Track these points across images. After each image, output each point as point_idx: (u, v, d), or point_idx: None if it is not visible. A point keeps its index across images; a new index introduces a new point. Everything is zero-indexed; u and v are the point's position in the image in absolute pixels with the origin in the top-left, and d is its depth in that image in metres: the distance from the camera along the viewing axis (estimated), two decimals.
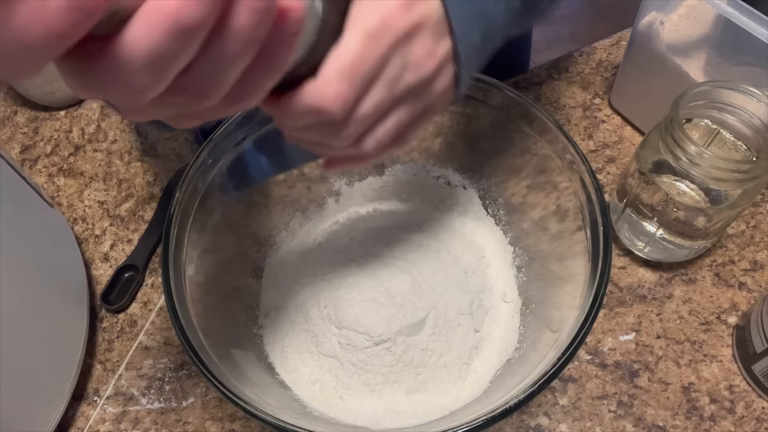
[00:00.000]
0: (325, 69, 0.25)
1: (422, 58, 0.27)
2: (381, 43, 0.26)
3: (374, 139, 0.29)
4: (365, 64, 0.25)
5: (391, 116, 0.28)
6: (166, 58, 0.18)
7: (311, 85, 0.25)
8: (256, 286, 0.51)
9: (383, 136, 0.29)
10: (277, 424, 0.35)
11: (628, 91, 0.61)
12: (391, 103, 0.28)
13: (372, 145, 0.29)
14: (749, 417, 0.47)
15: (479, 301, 0.49)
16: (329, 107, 0.25)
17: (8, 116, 0.69)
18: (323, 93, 0.25)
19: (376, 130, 0.28)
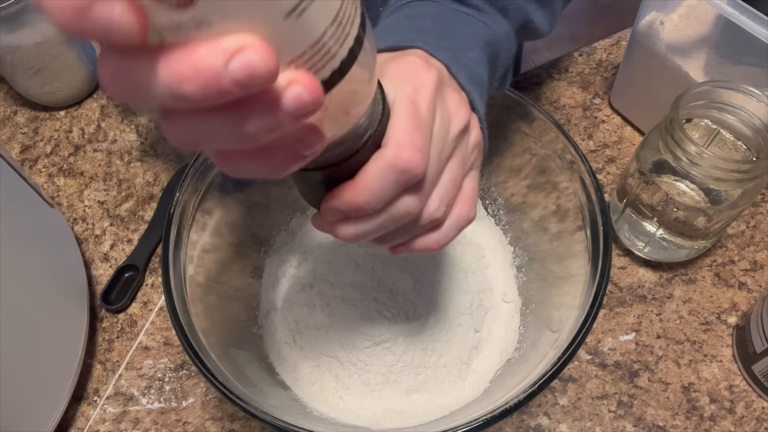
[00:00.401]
0: (393, 135, 0.26)
1: (456, 106, 0.29)
2: (424, 97, 0.27)
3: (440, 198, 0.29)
4: (422, 116, 0.27)
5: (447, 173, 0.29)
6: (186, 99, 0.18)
7: (386, 151, 0.26)
8: (256, 286, 0.51)
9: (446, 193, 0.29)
10: (277, 424, 0.35)
11: (628, 91, 0.61)
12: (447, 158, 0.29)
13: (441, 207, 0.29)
14: (749, 417, 0.47)
15: (479, 301, 0.49)
16: (410, 163, 0.26)
17: (8, 116, 0.69)
18: (402, 153, 0.26)
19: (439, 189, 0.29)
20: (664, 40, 0.54)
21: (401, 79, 0.28)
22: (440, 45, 0.32)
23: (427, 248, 0.31)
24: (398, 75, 0.28)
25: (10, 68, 0.63)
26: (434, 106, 0.28)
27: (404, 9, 0.36)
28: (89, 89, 0.70)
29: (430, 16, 0.34)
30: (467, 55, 0.33)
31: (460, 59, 0.32)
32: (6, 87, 0.71)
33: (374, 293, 0.47)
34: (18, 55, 0.61)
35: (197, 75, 0.16)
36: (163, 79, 0.16)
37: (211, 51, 0.16)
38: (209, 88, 0.16)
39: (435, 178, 0.28)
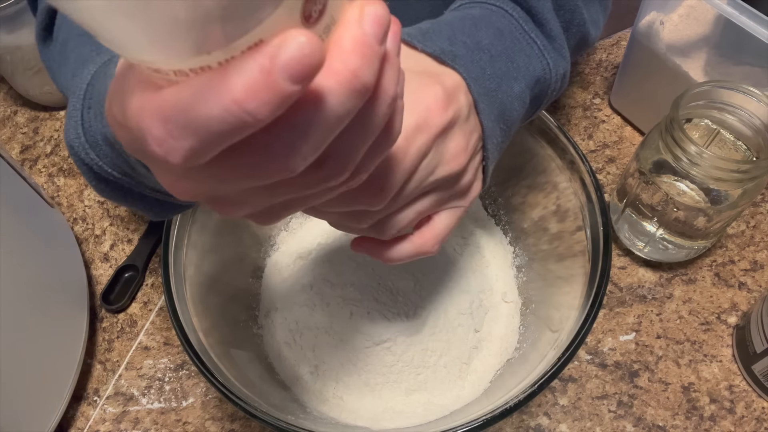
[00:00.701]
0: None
1: (455, 153, 0.29)
2: (421, 140, 0.27)
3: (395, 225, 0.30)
4: (406, 159, 0.27)
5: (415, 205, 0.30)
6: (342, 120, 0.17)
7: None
8: (256, 286, 0.51)
9: (402, 222, 0.30)
10: (277, 424, 0.35)
11: (628, 91, 0.61)
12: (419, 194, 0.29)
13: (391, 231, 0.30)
14: (749, 417, 0.47)
15: (479, 301, 0.49)
16: (369, 199, 0.26)
17: (8, 116, 0.69)
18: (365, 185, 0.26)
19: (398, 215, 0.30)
20: (664, 40, 0.53)
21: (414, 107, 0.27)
22: (485, 72, 0.31)
23: (378, 257, 0.32)
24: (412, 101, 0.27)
25: (10, 68, 0.63)
26: (428, 149, 0.28)
27: (477, 7, 0.34)
28: None
29: (496, 30, 0.32)
30: (510, 87, 0.32)
31: (499, 92, 0.31)
32: (6, 87, 0.71)
33: (374, 293, 0.47)
34: (18, 55, 0.61)
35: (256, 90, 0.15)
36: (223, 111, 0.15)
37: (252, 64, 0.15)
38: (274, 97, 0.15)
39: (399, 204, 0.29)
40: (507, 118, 0.32)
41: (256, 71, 0.14)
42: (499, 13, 0.33)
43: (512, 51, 0.32)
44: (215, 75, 0.15)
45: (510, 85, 0.32)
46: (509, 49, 0.32)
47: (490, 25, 0.33)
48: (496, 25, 0.33)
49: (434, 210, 0.31)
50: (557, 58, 0.34)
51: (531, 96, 0.34)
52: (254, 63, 0.14)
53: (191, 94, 0.15)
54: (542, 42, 0.34)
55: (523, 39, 0.33)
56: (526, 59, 0.33)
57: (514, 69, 0.32)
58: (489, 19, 0.33)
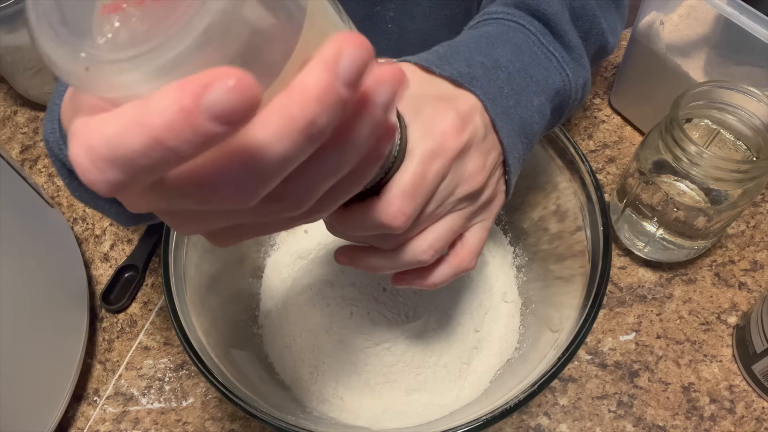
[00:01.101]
0: (390, 190, 0.27)
1: (473, 172, 0.30)
2: (438, 164, 0.28)
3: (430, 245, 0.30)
4: (425, 184, 0.28)
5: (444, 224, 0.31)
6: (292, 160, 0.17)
7: (377, 203, 0.27)
8: (256, 286, 0.51)
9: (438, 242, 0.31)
10: (277, 424, 0.35)
11: (628, 91, 0.61)
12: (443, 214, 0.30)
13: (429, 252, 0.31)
14: (749, 417, 0.47)
15: (479, 301, 0.49)
16: (392, 223, 0.27)
17: (8, 116, 0.69)
18: (388, 211, 0.27)
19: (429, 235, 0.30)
20: (664, 40, 0.54)
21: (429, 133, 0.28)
22: (504, 91, 0.31)
23: (421, 285, 0.33)
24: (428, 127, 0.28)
25: (10, 68, 0.63)
26: (446, 172, 0.29)
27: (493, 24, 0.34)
28: None
29: (513, 47, 0.33)
30: (530, 101, 0.32)
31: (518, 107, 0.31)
32: (6, 87, 0.71)
33: (374, 293, 0.47)
34: (18, 55, 0.61)
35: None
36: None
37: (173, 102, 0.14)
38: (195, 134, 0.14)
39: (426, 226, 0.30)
40: (528, 132, 0.32)
41: (176, 110, 0.14)
42: (516, 28, 0.34)
43: (530, 66, 0.33)
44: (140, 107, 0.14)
45: (530, 100, 0.32)
46: (527, 64, 0.33)
47: (507, 41, 0.33)
48: (514, 41, 0.33)
49: (465, 227, 0.32)
50: (576, 68, 0.35)
51: (551, 108, 0.34)
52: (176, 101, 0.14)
53: (116, 125, 0.15)
54: (561, 54, 0.34)
55: (541, 53, 0.33)
56: (544, 72, 0.33)
57: (533, 83, 0.32)
58: (506, 36, 0.33)
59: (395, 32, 0.50)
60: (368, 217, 0.27)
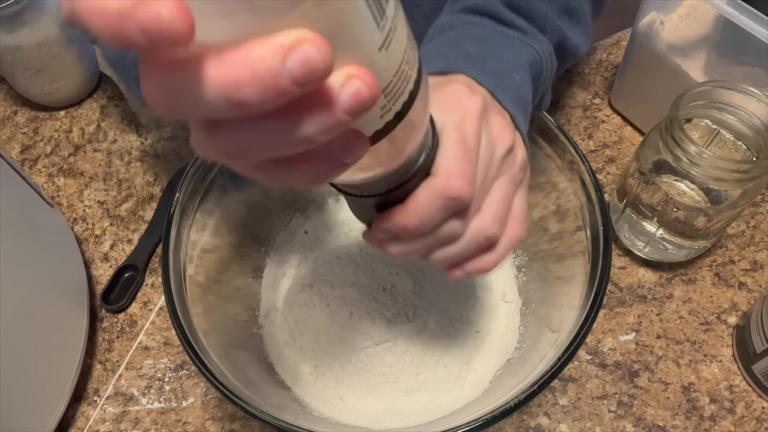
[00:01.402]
0: (441, 164, 0.27)
1: (501, 129, 0.30)
2: (470, 127, 0.28)
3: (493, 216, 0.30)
4: (469, 147, 0.28)
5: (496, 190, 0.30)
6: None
7: (435, 181, 0.27)
8: (256, 286, 0.51)
9: (498, 210, 0.30)
10: (277, 424, 0.35)
11: (628, 91, 0.61)
12: (494, 179, 0.30)
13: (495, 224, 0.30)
14: (749, 417, 0.47)
15: (479, 301, 0.49)
16: (459, 192, 0.27)
17: (8, 116, 0.69)
18: (451, 182, 0.27)
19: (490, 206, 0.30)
20: (664, 40, 0.53)
21: (448, 107, 0.29)
22: (486, 71, 0.33)
23: (482, 269, 0.32)
24: (445, 103, 0.29)
25: (10, 68, 0.63)
26: (480, 132, 0.29)
27: (450, 32, 0.36)
28: (89, 89, 0.70)
29: (477, 40, 0.35)
30: (512, 77, 0.34)
31: (505, 83, 0.33)
32: (6, 87, 0.71)
33: (374, 293, 0.47)
34: (18, 55, 0.61)
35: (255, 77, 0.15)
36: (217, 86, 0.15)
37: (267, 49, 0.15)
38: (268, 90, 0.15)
39: (481, 200, 0.30)
40: (522, 102, 0.34)
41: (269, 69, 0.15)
42: (471, 26, 0.36)
43: (498, 49, 0.35)
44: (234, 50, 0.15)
45: (511, 76, 0.34)
46: (495, 49, 0.35)
47: (470, 37, 0.36)
48: (475, 35, 0.36)
49: (514, 193, 0.32)
50: (537, 42, 0.37)
51: (531, 78, 0.36)
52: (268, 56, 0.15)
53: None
54: (518, 34, 0.36)
55: (502, 38, 0.36)
56: (512, 52, 0.35)
57: (507, 63, 0.34)
58: (466, 34, 0.36)
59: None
60: (432, 197, 0.27)
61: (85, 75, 0.68)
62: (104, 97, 0.70)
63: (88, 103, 0.70)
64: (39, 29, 0.60)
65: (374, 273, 0.49)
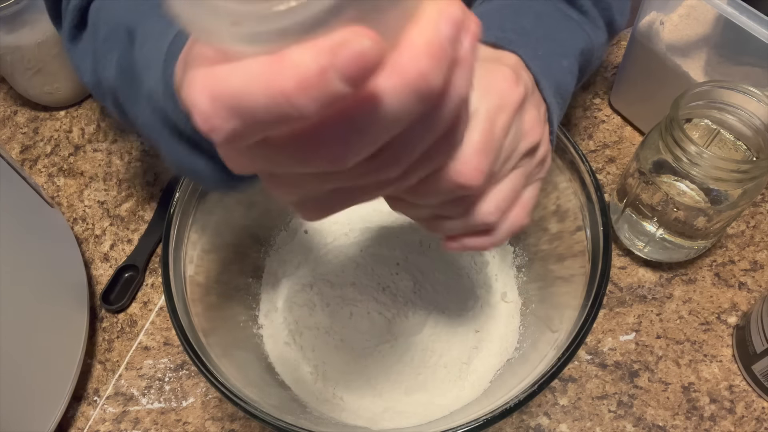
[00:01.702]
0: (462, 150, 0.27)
1: (532, 125, 0.30)
2: (503, 118, 0.28)
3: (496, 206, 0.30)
4: (494, 139, 0.28)
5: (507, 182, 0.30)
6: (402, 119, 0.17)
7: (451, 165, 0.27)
8: (256, 286, 0.51)
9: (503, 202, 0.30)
10: (277, 424, 0.35)
11: (628, 91, 0.61)
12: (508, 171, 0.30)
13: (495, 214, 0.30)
14: (749, 417, 0.47)
15: (479, 301, 0.49)
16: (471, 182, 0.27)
17: (8, 116, 0.69)
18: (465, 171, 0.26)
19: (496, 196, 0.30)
20: (664, 40, 0.53)
21: (488, 91, 0.28)
22: (537, 53, 0.32)
23: (478, 247, 0.32)
24: (486, 86, 0.28)
25: (10, 68, 0.63)
26: (510, 125, 0.29)
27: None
28: None
29: (535, 14, 0.35)
30: (560, 63, 0.34)
31: (552, 70, 0.33)
32: (6, 87, 0.71)
33: (374, 293, 0.47)
34: (18, 55, 0.61)
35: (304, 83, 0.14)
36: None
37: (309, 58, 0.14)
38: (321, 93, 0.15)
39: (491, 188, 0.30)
40: (563, 91, 0.34)
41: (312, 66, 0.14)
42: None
43: (554, 30, 0.35)
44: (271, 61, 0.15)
45: (559, 62, 0.34)
46: (551, 29, 0.34)
47: (529, 10, 0.35)
48: (534, 9, 0.35)
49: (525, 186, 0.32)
50: (594, 29, 0.37)
51: (579, 66, 0.35)
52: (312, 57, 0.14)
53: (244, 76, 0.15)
54: (578, 17, 0.36)
55: (561, 17, 0.36)
56: (568, 34, 0.35)
57: (559, 46, 0.34)
58: (527, 5, 0.35)
59: None
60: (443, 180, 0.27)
61: None
62: None
63: (88, 103, 0.70)
64: (39, 29, 0.60)
65: (374, 273, 0.49)
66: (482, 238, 0.32)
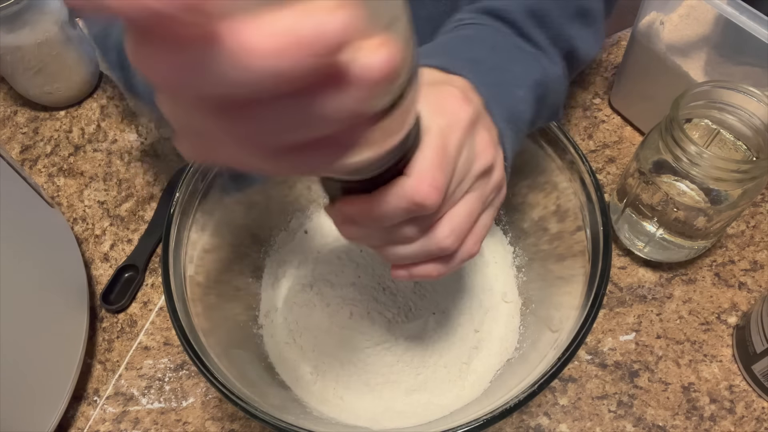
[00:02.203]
0: (417, 166, 0.26)
1: (484, 146, 0.30)
2: (455, 136, 0.28)
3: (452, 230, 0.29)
4: (448, 156, 0.27)
5: (462, 205, 0.30)
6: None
7: (406, 181, 0.26)
8: (256, 286, 0.51)
9: (459, 226, 0.30)
10: (277, 424, 0.35)
11: (628, 91, 0.61)
12: (463, 193, 0.30)
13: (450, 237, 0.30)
14: (749, 417, 0.47)
15: (479, 301, 0.49)
16: (426, 199, 0.26)
17: (8, 116, 0.69)
18: (420, 187, 0.26)
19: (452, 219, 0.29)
20: (664, 40, 0.53)
21: (439, 110, 0.28)
22: (487, 80, 0.32)
23: (427, 276, 0.32)
24: (437, 105, 0.28)
25: (10, 68, 0.63)
26: (463, 144, 0.28)
27: (469, 29, 0.36)
28: (89, 89, 0.70)
29: (490, 46, 0.35)
30: (514, 92, 0.33)
31: (504, 96, 0.33)
32: (6, 87, 0.71)
33: (374, 293, 0.47)
34: (18, 55, 0.61)
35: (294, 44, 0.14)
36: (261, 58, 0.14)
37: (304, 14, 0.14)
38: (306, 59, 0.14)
39: (446, 211, 0.29)
40: (516, 120, 0.33)
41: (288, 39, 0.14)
42: (488, 30, 0.36)
43: (507, 61, 0.34)
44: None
45: (512, 91, 0.33)
46: (504, 60, 0.34)
47: (483, 41, 0.35)
48: (488, 41, 0.35)
49: (480, 211, 0.31)
50: (550, 64, 0.36)
51: (534, 98, 0.35)
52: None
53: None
54: (533, 51, 0.36)
55: (514, 49, 0.35)
56: (522, 66, 0.35)
57: (513, 77, 0.34)
58: (480, 36, 0.35)
59: None
60: (398, 197, 0.26)
61: (85, 75, 0.68)
62: (104, 97, 0.70)
63: (88, 103, 0.70)
64: (39, 29, 0.60)
65: (374, 273, 0.49)
66: (433, 265, 0.31)
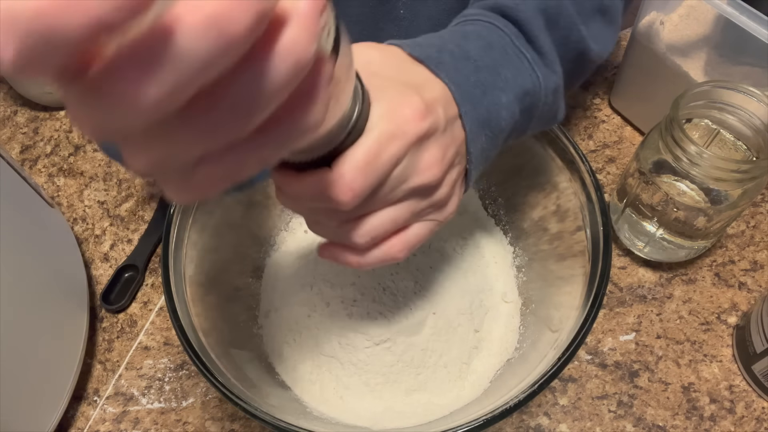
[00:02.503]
0: (342, 163, 0.27)
1: (430, 164, 0.29)
2: (394, 146, 0.28)
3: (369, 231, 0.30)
4: (378, 164, 0.27)
5: (389, 212, 0.30)
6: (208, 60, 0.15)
7: (327, 174, 0.27)
8: (256, 286, 0.51)
9: (377, 230, 0.30)
10: (277, 424, 0.35)
11: (628, 91, 0.61)
12: (393, 201, 0.30)
13: (365, 237, 0.30)
14: (749, 417, 0.47)
15: (479, 301, 0.49)
16: (339, 198, 0.27)
17: (8, 116, 0.69)
18: (337, 185, 0.27)
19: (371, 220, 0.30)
20: (664, 40, 0.54)
21: (390, 115, 0.28)
22: (471, 78, 0.31)
23: (347, 263, 0.33)
24: (390, 110, 0.28)
25: None
26: (401, 155, 0.28)
27: (470, 25, 0.35)
28: None
29: (486, 44, 0.33)
30: (497, 97, 0.32)
31: (484, 97, 0.32)
32: (6, 87, 0.71)
33: (374, 293, 0.47)
34: None
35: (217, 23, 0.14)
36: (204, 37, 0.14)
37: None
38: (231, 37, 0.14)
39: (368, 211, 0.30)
40: (493, 125, 0.32)
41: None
42: (491, 28, 0.34)
43: (500, 64, 0.33)
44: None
45: (497, 95, 0.32)
46: (497, 61, 0.33)
47: (480, 38, 0.34)
48: (486, 38, 0.34)
49: (410, 221, 0.31)
50: (548, 73, 0.35)
51: (520, 107, 0.34)
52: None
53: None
54: (532, 56, 0.34)
55: (512, 53, 0.34)
56: (514, 71, 0.33)
57: (502, 80, 0.33)
58: (480, 33, 0.34)
59: (407, 18, 0.50)
60: (317, 187, 0.27)
61: None
62: None
63: None
64: None
65: (374, 273, 0.49)
66: (351, 256, 0.32)
